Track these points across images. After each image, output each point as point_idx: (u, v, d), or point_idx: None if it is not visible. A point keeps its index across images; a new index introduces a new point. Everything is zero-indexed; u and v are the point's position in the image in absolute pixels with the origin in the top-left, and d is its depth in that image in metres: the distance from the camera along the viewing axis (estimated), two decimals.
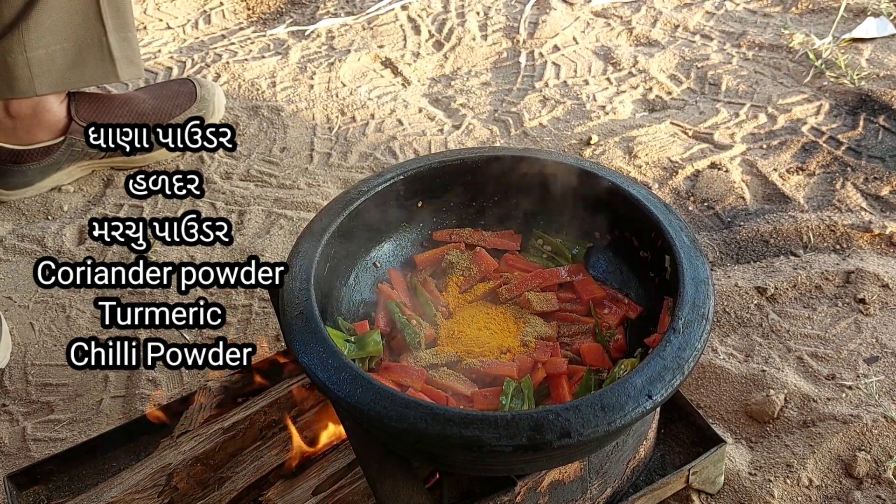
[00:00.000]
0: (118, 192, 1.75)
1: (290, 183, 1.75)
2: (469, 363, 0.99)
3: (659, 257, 1.01)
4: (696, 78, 1.99)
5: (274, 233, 1.62)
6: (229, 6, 2.40)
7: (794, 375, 1.26)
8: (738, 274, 1.45)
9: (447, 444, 0.78)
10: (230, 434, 1.09)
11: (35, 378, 1.37)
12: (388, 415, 0.79)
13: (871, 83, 1.90)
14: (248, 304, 1.47)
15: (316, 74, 2.08)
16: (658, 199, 1.03)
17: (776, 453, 1.16)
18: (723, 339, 1.34)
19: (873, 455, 1.14)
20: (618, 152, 1.75)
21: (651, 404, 0.79)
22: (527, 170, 1.10)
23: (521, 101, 1.95)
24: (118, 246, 1.62)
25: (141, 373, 1.36)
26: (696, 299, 0.89)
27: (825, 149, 1.73)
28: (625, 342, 1.03)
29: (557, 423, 0.77)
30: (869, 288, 1.39)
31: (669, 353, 0.83)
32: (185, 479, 1.06)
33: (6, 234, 1.66)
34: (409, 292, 1.11)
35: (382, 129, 1.89)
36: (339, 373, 0.83)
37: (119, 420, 1.28)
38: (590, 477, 0.97)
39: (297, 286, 0.93)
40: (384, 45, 2.19)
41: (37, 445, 1.26)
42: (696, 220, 1.60)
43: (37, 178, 1.71)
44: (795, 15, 2.22)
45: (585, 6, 2.30)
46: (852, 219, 1.53)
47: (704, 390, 1.26)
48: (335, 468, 1.02)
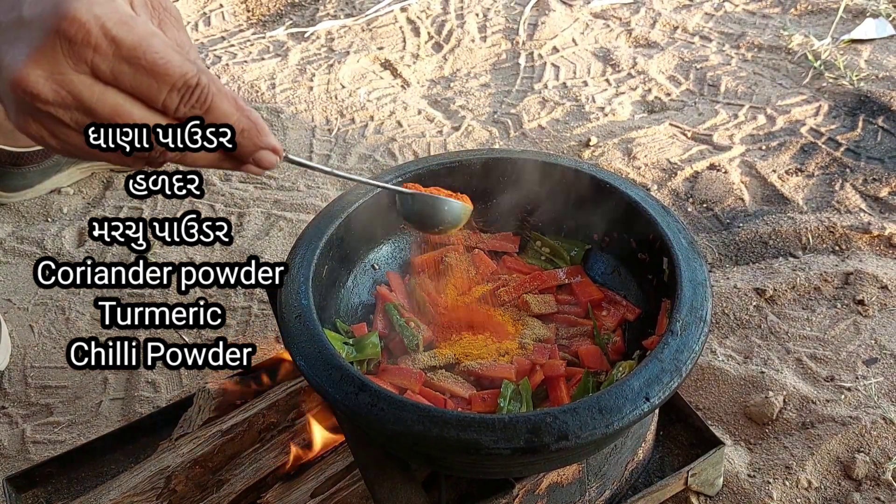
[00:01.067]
0: (118, 193, 1.75)
1: (290, 185, 1.75)
2: (467, 365, 0.99)
3: (657, 259, 1.01)
4: (695, 79, 1.99)
5: (273, 234, 1.62)
6: (229, 8, 2.40)
7: (793, 377, 1.26)
8: (736, 275, 1.45)
9: (445, 447, 0.78)
10: (229, 436, 1.09)
11: (34, 380, 1.37)
12: (385, 417, 0.79)
13: (870, 84, 1.90)
14: (248, 307, 1.47)
15: (315, 76, 2.08)
16: (656, 200, 1.03)
17: (775, 455, 1.16)
18: (722, 341, 1.34)
19: (872, 457, 1.14)
20: (617, 154, 1.75)
21: (649, 407, 0.79)
22: (525, 172, 1.10)
23: (520, 102, 1.95)
24: (118, 246, 1.62)
25: (140, 375, 1.36)
26: (694, 301, 0.89)
27: (824, 150, 1.73)
28: (623, 344, 1.03)
29: (555, 426, 0.77)
30: (868, 289, 1.39)
31: (667, 355, 0.83)
32: (184, 482, 1.06)
33: (6, 236, 1.66)
34: (408, 295, 1.11)
35: (382, 131, 1.90)
36: (337, 375, 0.83)
37: (118, 422, 1.28)
38: (588, 479, 0.97)
39: (296, 288, 0.93)
40: (383, 47, 2.19)
41: (36, 448, 1.26)
42: (694, 222, 1.60)
43: (36, 181, 1.72)
44: (794, 16, 2.22)
45: (584, 8, 2.30)
46: (851, 220, 1.53)
47: (703, 392, 1.26)
48: (333, 470, 1.02)
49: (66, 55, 0.57)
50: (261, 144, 0.67)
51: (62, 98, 0.58)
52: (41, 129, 0.60)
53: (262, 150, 0.68)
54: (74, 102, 0.59)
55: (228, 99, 0.64)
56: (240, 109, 0.65)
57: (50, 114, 0.59)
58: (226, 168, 0.69)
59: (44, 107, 0.58)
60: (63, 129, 0.60)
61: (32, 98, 0.58)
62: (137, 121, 0.61)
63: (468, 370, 0.98)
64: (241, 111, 0.65)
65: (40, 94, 0.57)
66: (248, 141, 0.66)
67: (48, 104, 0.58)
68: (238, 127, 0.65)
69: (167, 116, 0.62)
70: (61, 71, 0.57)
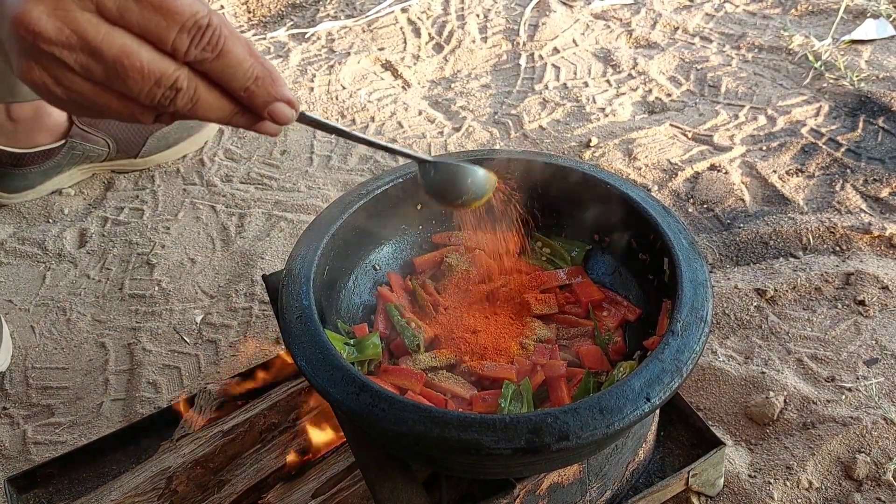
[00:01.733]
0: (119, 194, 1.76)
1: (291, 185, 1.75)
2: (468, 366, 0.99)
3: (658, 260, 1.01)
4: (696, 80, 2.00)
5: (274, 235, 1.62)
6: (229, 9, 2.41)
7: (794, 377, 1.26)
8: (737, 276, 1.45)
9: (446, 447, 0.79)
10: (230, 437, 1.09)
11: (35, 381, 1.37)
12: (386, 418, 0.79)
13: (871, 85, 1.90)
14: (248, 307, 1.47)
15: (316, 77, 2.08)
16: (657, 201, 1.03)
17: (776, 455, 1.16)
18: (722, 341, 1.34)
19: (873, 457, 1.14)
20: (617, 154, 1.75)
21: (649, 407, 0.79)
22: (526, 172, 1.10)
23: (520, 103, 1.96)
24: (119, 247, 1.62)
25: (141, 375, 1.36)
26: (694, 302, 0.89)
27: (825, 150, 1.73)
28: (624, 344, 1.03)
29: (556, 426, 0.77)
30: (868, 290, 1.39)
31: (668, 355, 0.83)
32: (185, 482, 1.06)
33: (7, 237, 1.66)
34: (409, 295, 1.11)
35: (382, 132, 1.90)
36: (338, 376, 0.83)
37: (119, 423, 1.29)
38: (589, 479, 0.98)
39: (297, 289, 0.93)
40: (384, 48, 2.19)
41: (37, 448, 1.26)
42: (695, 222, 1.60)
43: (37, 182, 1.72)
44: (795, 17, 2.22)
45: (585, 8, 2.30)
46: (852, 220, 1.53)
47: (704, 392, 1.26)
48: (334, 471, 1.03)
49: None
50: (276, 95, 0.63)
51: (66, 37, 0.56)
52: (44, 74, 0.58)
53: (278, 101, 0.64)
54: (79, 42, 0.56)
55: (242, 43, 0.61)
56: (254, 55, 0.61)
57: (54, 56, 0.56)
58: (238, 124, 0.65)
59: (47, 47, 0.56)
60: (68, 75, 0.58)
61: (35, 37, 0.55)
62: (146, 64, 0.58)
63: (469, 371, 0.98)
64: (256, 57, 0.61)
65: (43, 32, 0.55)
66: (263, 90, 0.62)
67: (51, 44, 0.55)
68: (251, 74, 0.61)
69: (177, 60, 0.59)
70: (65, 7, 0.55)
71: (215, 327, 1.44)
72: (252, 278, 1.52)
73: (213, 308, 1.48)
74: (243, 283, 1.52)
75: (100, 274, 1.57)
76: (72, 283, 1.55)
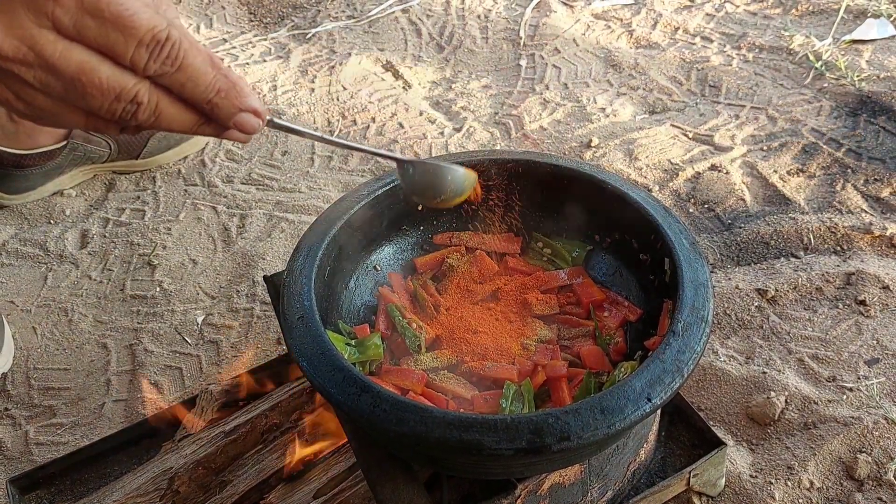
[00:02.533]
0: (120, 195, 1.76)
1: (292, 186, 1.75)
2: (469, 366, 0.99)
3: (659, 260, 1.01)
4: (697, 80, 2.00)
5: (275, 236, 1.62)
6: (231, 10, 2.41)
7: (795, 377, 1.26)
8: (738, 276, 1.45)
9: (447, 448, 0.79)
10: (232, 437, 1.09)
11: (37, 382, 1.37)
12: (388, 418, 0.79)
13: (872, 85, 1.90)
14: (250, 308, 1.47)
15: (317, 78, 2.08)
16: (658, 201, 1.03)
17: (777, 455, 1.16)
18: (723, 342, 1.34)
19: (874, 457, 1.14)
20: (618, 155, 1.75)
21: (650, 407, 0.80)
22: (527, 173, 1.11)
23: (521, 103, 1.96)
24: (121, 248, 1.62)
25: (143, 376, 1.36)
26: (695, 302, 0.89)
27: (825, 150, 1.73)
28: (625, 345, 1.03)
29: (557, 427, 0.77)
30: (869, 290, 1.39)
31: (669, 355, 0.83)
32: (187, 483, 1.06)
33: (8, 238, 1.66)
34: (410, 296, 1.11)
35: (383, 133, 1.90)
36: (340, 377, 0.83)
37: (121, 423, 1.29)
38: (590, 480, 0.98)
39: (298, 290, 0.93)
40: (385, 49, 2.19)
41: (39, 449, 1.27)
42: (696, 223, 1.60)
43: (39, 183, 1.72)
44: (795, 17, 2.22)
45: (586, 9, 2.30)
46: (853, 220, 1.54)
47: (705, 392, 1.26)
48: (336, 471, 1.03)
49: (26, 8, 0.54)
50: (241, 106, 0.63)
51: (23, 55, 0.55)
52: (5, 90, 0.58)
53: (243, 112, 0.63)
54: (37, 60, 0.56)
55: (203, 56, 0.60)
56: (216, 67, 0.61)
57: (12, 73, 0.56)
58: (206, 134, 0.64)
59: (4, 64, 0.55)
60: (28, 91, 0.58)
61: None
62: (104, 80, 0.57)
63: (470, 371, 0.99)
64: (218, 70, 0.61)
65: (0, 51, 0.55)
66: (227, 102, 0.62)
67: (9, 61, 0.55)
68: (214, 87, 0.61)
69: (137, 75, 0.58)
70: (21, 25, 0.55)
71: (217, 328, 1.44)
72: (253, 279, 1.53)
73: (215, 309, 1.48)
74: (244, 283, 1.52)
75: (101, 275, 1.57)
76: (73, 284, 1.56)
